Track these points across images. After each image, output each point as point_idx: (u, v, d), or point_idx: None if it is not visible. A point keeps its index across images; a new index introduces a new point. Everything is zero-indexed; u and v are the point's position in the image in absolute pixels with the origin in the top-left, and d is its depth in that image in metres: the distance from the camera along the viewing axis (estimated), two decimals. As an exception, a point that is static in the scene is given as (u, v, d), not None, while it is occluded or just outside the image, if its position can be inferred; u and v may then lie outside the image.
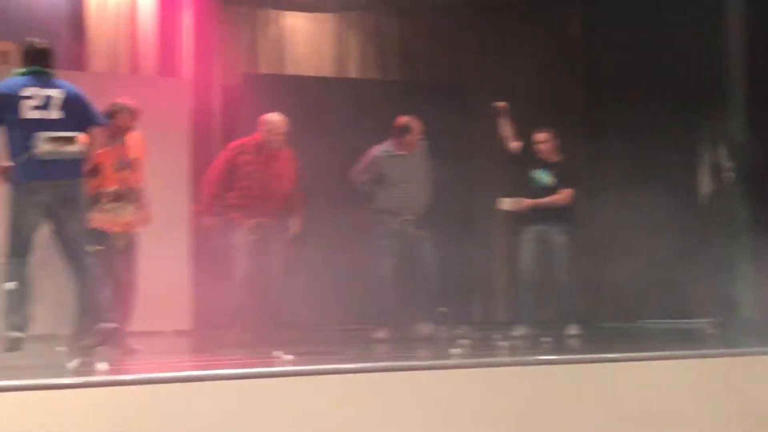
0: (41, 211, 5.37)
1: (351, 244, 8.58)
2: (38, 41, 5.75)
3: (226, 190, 7.26)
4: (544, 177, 7.85)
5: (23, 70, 5.58)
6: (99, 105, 6.27)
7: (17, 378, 4.26)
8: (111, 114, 6.28)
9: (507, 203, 7.91)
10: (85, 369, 4.92)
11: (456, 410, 4.76)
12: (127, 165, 6.41)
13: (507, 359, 5.66)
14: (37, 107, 5.40)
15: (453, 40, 10.75)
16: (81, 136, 5.49)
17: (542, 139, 7.91)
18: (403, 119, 7.64)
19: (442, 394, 4.81)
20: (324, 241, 8.74)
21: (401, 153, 7.61)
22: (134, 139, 6.49)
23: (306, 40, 10.52)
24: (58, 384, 4.15)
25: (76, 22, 9.57)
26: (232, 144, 7.51)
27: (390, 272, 7.45)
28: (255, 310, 7.16)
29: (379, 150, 7.70)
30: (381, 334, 7.38)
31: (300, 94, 9.32)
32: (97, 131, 5.63)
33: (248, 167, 7.22)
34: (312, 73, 10.33)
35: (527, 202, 7.76)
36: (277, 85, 9.65)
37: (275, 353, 5.51)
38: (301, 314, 8.21)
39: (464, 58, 10.78)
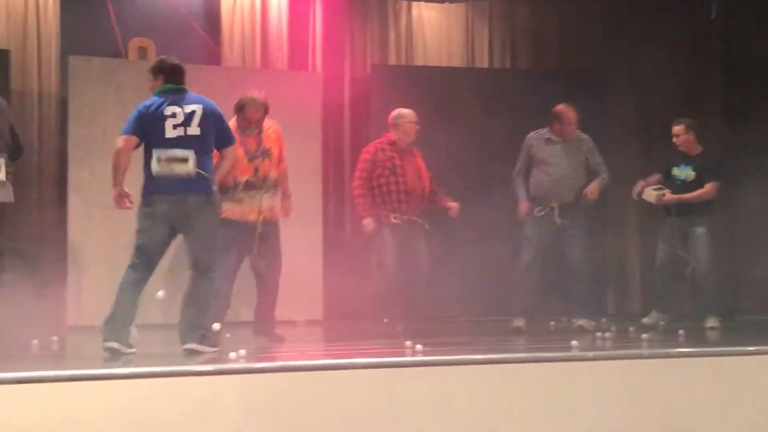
0: (165, 225, 5.45)
1: (488, 236, 8.58)
2: (169, 58, 5.83)
3: (371, 187, 7.36)
4: (684, 173, 7.66)
5: (161, 88, 5.67)
6: (232, 99, 6.43)
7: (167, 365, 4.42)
8: (240, 107, 6.38)
9: (651, 196, 7.70)
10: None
11: (594, 402, 4.70)
12: (260, 155, 6.50)
13: (645, 351, 5.54)
14: (178, 125, 5.50)
15: (584, 27, 10.68)
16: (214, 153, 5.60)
17: (679, 131, 7.69)
18: (558, 107, 7.54)
19: (578, 385, 4.76)
20: (462, 233, 8.77)
21: (555, 139, 7.50)
22: (269, 129, 6.57)
23: (435, 31, 10.57)
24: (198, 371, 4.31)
25: (211, 19, 9.80)
26: (368, 147, 7.61)
27: (530, 261, 7.37)
28: (397, 302, 7.23)
29: (532, 134, 7.63)
30: (519, 323, 7.31)
31: (429, 85, 9.33)
32: (229, 150, 5.72)
33: (388, 163, 7.31)
34: (441, 63, 10.36)
35: (671, 196, 7.57)
36: (407, 76, 9.66)
37: (407, 343, 5.51)
38: (442, 306, 8.26)
39: (596, 45, 10.68)
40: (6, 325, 5.91)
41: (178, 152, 5.39)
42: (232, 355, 4.97)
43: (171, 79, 5.67)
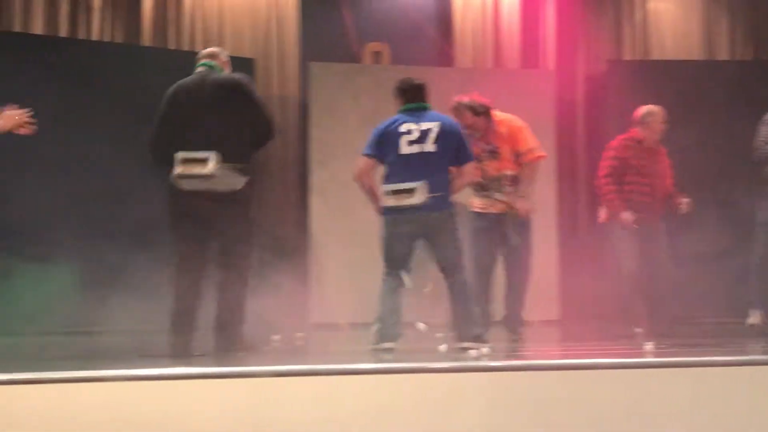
0: (407, 239, 5.55)
1: (728, 234, 8.32)
2: (414, 79, 5.91)
3: (618, 186, 7.22)
4: None
5: (403, 108, 5.77)
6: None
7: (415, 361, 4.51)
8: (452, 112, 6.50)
9: None
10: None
11: None
12: (486, 156, 6.56)
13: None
14: (413, 142, 5.58)
15: None
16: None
17: None
18: None
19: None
20: (705, 233, 8.52)
21: None
22: (501, 127, 6.62)
23: (671, 23, 10.36)
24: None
25: (443, 21, 9.93)
26: (613, 142, 7.43)
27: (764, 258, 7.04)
28: (640, 303, 7.12)
29: None
30: (754, 319, 7.01)
31: (668, 80, 9.13)
32: (467, 167, 5.73)
33: (635, 162, 7.14)
34: (679, 57, 10.13)
35: None
36: (644, 71, 9.50)
37: (646, 345, 5.40)
38: (682, 307, 8.02)
39: None
40: (254, 321, 6.03)
41: (406, 185, 5.49)
42: (485, 350, 5.12)
43: (411, 98, 5.77)
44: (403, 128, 5.58)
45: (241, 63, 7.95)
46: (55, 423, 3.73)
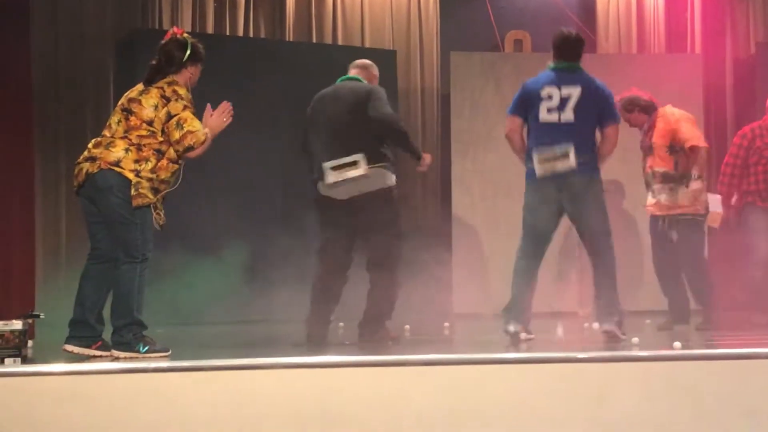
0: (553, 207, 5.43)
1: None
2: (567, 32, 5.70)
3: (744, 174, 7.06)
4: None
5: (552, 65, 5.59)
6: (609, 86, 6.39)
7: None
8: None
9: None
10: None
11: None
12: (646, 152, 6.50)
13: None
14: (551, 109, 5.44)
15: None
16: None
17: None
18: None
19: None
20: None
21: None
22: (660, 123, 6.52)
23: None
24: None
25: (586, 7, 9.84)
26: (744, 129, 7.30)
27: None
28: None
29: None
30: None
31: None
32: (609, 130, 5.53)
33: (765, 151, 6.97)
34: None
35: None
36: None
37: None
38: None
39: None
40: (403, 311, 6.16)
41: (558, 149, 5.33)
42: (635, 340, 5.01)
43: (562, 55, 5.58)
44: (545, 93, 5.43)
45: (382, 55, 8.09)
46: (217, 408, 3.88)
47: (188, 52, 4.73)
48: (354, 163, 5.44)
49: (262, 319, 7.60)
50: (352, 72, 5.90)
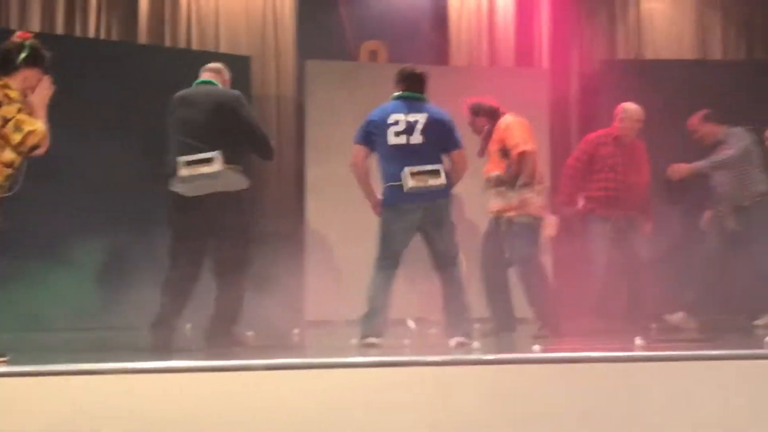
0: (410, 230, 5.65)
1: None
2: (413, 67, 5.98)
3: (586, 181, 7.30)
4: None
5: (397, 94, 5.83)
6: (461, 98, 6.58)
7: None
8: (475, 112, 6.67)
9: None
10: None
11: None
12: (487, 156, 6.66)
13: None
14: (399, 133, 5.63)
15: None
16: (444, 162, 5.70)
17: None
18: None
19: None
20: (676, 230, 8.59)
21: None
22: (497, 131, 6.69)
23: (664, 24, 10.39)
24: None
25: (440, 19, 9.94)
26: (590, 136, 7.56)
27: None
28: (613, 300, 7.23)
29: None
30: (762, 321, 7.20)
31: (660, 79, 9.12)
32: (454, 155, 5.76)
33: (609, 159, 7.23)
34: (672, 57, 10.14)
35: None
36: (636, 71, 9.52)
37: (637, 342, 5.47)
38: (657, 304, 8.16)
39: None
40: (250, 316, 6.25)
41: (428, 167, 5.54)
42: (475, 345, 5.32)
43: (406, 87, 5.82)
44: (391, 119, 5.64)
45: (236, 61, 8.06)
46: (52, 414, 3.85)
47: (23, 54, 4.64)
48: (209, 160, 5.52)
49: (111, 325, 7.50)
50: (206, 75, 5.99)
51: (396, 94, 5.83)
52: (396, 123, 5.64)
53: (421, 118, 5.63)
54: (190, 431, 3.93)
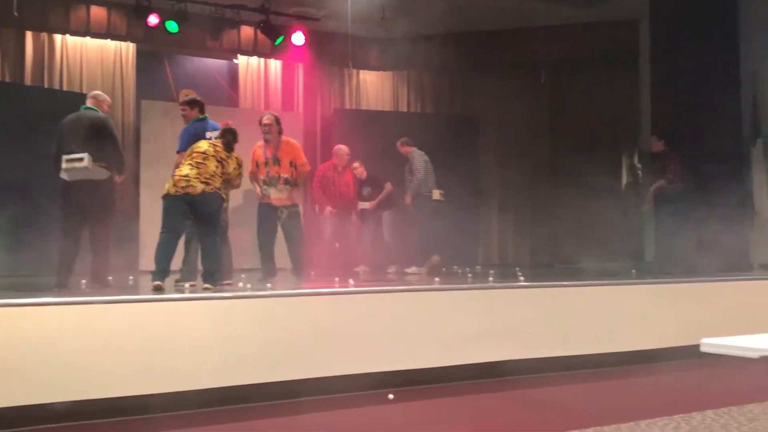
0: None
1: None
2: (197, 96, 7.25)
3: (321, 191, 9.60)
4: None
5: (197, 117, 7.12)
6: (241, 130, 7.05)
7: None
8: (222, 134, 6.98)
9: None
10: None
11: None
12: (274, 161, 7.60)
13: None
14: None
15: (468, 85, 12.78)
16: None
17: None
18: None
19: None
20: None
21: None
22: (287, 146, 7.68)
23: (373, 87, 12.89)
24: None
25: (233, 76, 11.99)
26: (321, 167, 9.74)
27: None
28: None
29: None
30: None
31: (370, 121, 11.47)
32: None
33: (330, 179, 9.60)
34: (378, 108, 12.61)
35: None
36: (355, 116, 11.94)
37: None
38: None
39: (473, 97, 12.79)
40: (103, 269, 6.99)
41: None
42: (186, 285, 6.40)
43: (202, 110, 7.17)
44: (208, 134, 6.83)
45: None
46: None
47: None
48: (81, 159, 6.47)
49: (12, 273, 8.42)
50: (89, 102, 6.96)
51: (199, 116, 7.04)
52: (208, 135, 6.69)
53: (214, 134, 6.71)
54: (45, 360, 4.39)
